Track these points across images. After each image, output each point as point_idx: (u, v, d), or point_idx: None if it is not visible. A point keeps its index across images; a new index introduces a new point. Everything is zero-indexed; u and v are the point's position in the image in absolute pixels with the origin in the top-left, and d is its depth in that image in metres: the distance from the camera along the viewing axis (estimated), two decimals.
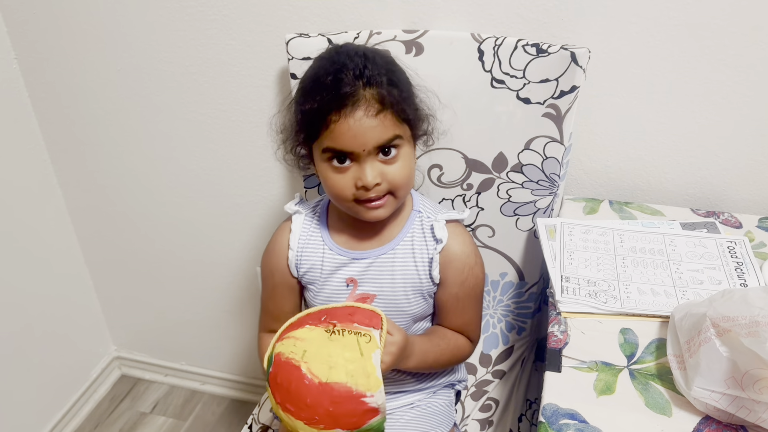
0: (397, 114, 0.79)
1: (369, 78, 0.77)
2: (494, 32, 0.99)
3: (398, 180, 0.81)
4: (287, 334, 0.76)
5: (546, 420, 0.69)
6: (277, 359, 0.75)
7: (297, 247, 0.91)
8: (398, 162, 0.81)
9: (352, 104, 0.76)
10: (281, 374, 0.73)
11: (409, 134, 0.82)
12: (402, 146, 0.81)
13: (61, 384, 1.63)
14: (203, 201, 1.42)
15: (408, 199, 0.91)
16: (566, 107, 0.96)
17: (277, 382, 0.74)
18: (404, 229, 0.89)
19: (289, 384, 0.72)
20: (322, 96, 0.77)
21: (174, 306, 1.64)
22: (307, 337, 0.74)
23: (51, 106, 1.39)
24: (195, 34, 1.19)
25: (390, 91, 0.78)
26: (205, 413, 1.69)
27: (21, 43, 1.32)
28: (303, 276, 0.92)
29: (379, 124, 0.77)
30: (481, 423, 1.04)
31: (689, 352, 0.69)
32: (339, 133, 0.77)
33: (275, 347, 0.76)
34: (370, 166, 0.79)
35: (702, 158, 1.05)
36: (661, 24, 0.96)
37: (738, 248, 0.92)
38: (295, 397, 0.72)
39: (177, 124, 1.32)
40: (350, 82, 0.77)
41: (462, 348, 0.94)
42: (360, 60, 0.79)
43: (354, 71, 0.77)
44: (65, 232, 1.57)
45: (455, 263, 0.88)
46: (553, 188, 1.02)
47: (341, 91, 0.76)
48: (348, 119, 0.76)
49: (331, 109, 0.77)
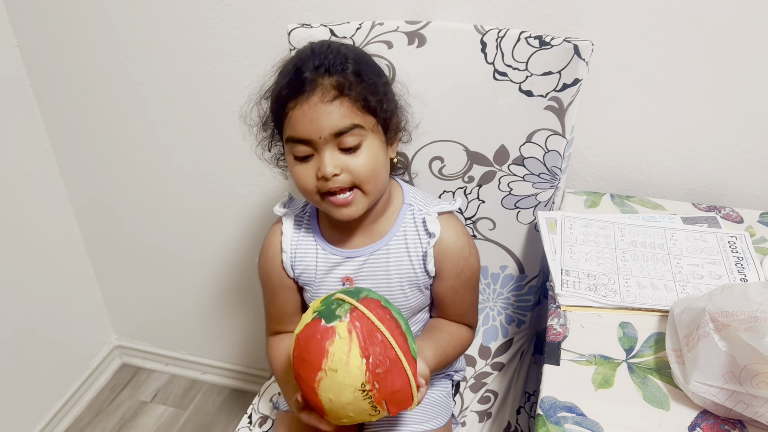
0: (359, 102, 0.77)
1: (329, 66, 0.77)
2: (497, 24, 0.99)
3: (361, 172, 0.79)
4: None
5: (544, 413, 0.69)
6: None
7: (290, 249, 0.91)
8: (362, 154, 0.79)
9: (309, 91, 0.76)
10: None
11: (375, 125, 0.80)
12: (365, 137, 0.79)
13: (62, 372, 1.64)
14: (204, 191, 1.42)
15: (399, 192, 0.91)
16: (568, 100, 0.95)
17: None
18: (396, 224, 0.88)
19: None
20: (283, 85, 0.78)
21: (175, 296, 1.64)
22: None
23: (53, 94, 1.39)
24: (196, 23, 1.18)
25: (351, 80, 0.77)
26: (205, 402, 1.69)
27: (23, 31, 1.32)
28: (299, 277, 0.92)
29: (335, 111, 0.76)
30: (479, 415, 1.04)
31: (688, 347, 0.69)
32: (296, 119, 0.77)
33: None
34: (329, 154, 0.77)
35: (704, 153, 1.04)
36: (664, 17, 0.95)
37: (739, 243, 0.92)
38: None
39: (178, 114, 1.32)
40: (309, 69, 0.77)
41: (465, 339, 0.94)
42: (325, 51, 0.78)
43: (314, 61, 0.77)
44: (67, 221, 1.57)
45: (450, 256, 0.88)
46: (555, 181, 1.02)
47: (299, 77, 0.77)
48: (303, 105, 0.76)
49: (290, 96, 0.77)
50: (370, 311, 0.72)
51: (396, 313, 0.76)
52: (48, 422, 1.59)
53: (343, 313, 0.72)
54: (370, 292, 0.76)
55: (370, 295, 0.75)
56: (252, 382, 1.71)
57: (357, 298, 0.74)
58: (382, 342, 0.71)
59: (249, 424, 1.04)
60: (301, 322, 0.76)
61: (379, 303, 0.75)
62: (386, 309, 0.74)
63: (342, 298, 0.74)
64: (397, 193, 0.91)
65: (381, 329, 0.71)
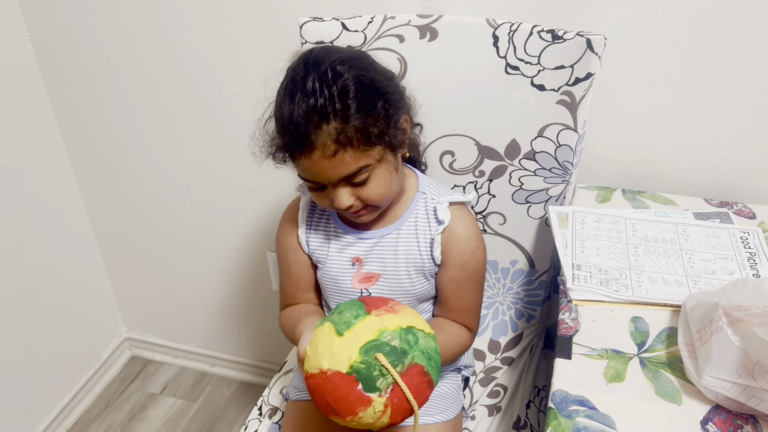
0: (362, 145, 0.76)
1: (325, 113, 0.74)
2: (509, 18, 0.98)
3: (373, 198, 0.81)
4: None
5: (555, 406, 0.69)
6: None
7: (305, 224, 0.93)
8: (372, 183, 0.80)
9: (309, 146, 0.75)
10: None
11: (382, 152, 0.79)
12: (373, 169, 0.79)
13: (73, 364, 1.65)
14: (214, 184, 1.42)
15: (413, 181, 0.92)
16: (581, 94, 0.95)
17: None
18: (408, 210, 0.90)
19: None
20: (285, 136, 0.78)
21: (184, 289, 1.65)
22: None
23: (65, 87, 1.40)
24: (208, 16, 1.19)
25: (351, 125, 0.75)
26: (214, 395, 1.70)
27: (35, 25, 1.32)
28: (313, 253, 0.93)
29: (339, 162, 0.76)
30: (489, 409, 1.04)
31: (700, 341, 0.69)
32: (304, 168, 0.79)
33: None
34: (341, 191, 0.80)
35: (716, 148, 1.04)
36: (678, 11, 0.95)
37: (751, 239, 0.92)
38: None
39: (189, 108, 1.32)
40: (303, 120, 0.75)
41: (464, 341, 0.94)
42: (321, 85, 0.75)
43: (305, 104, 0.75)
44: (78, 214, 1.58)
45: (457, 245, 0.88)
46: (566, 176, 1.01)
47: (299, 133, 0.75)
48: (308, 159, 0.77)
49: (294, 149, 0.77)
50: (410, 388, 0.69)
51: (434, 370, 0.72)
52: (58, 413, 1.60)
53: (384, 387, 0.68)
54: (416, 354, 0.70)
55: (416, 360, 0.70)
56: (261, 375, 1.72)
57: (402, 364, 0.69)
58: (410, 411, 0.71)
59: (259, 416, 1.04)
60: (326, 352, 0.70)
61: (422, 369, 0.70)
62: (426, 375, 0.71)
63: (386, 367, 0.68)
64: (411, 182, 0.92)
65: (414, 409, 0.71)
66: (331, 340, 0.70)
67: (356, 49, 0.95)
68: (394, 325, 0.70)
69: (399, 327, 0.70)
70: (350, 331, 0.70)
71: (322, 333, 0.72)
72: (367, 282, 0.91)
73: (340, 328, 0.70)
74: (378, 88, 0.79)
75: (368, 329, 0.70)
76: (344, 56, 0.79)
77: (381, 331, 0.69)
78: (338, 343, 0.69)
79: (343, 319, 0.71)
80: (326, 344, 0.70)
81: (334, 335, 0.70)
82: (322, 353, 0.70)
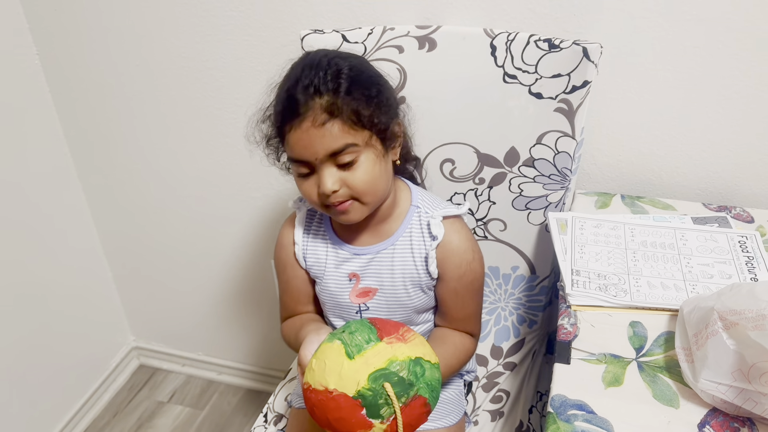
0: (350, 120, 0.78)
1: (318, 86, 0.77)
2: (507, 27, 1.00)
3: (359, 186, 0.81)
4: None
5: (554, 411, 0.70)
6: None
7: (302, 241, 0.94)
8: (359, 169, 0.80)
9: (302, 114, 0.77)
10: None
11: (370, 138, 0.81)
12: (360, 152, 0.80)
13: (81, 373, 1.67)
14: (219, 194, 1.44)
15: (407, 194, 0.92)
16: (578, 102, 0.96)
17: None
18: (403, 225, 0.90)
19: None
20: (279, 108, 0.81)
21: (191, 297, 1.66)
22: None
23: (71, 100, 1.42)
24: (211, 30, 1.21)
25: (342, 98, 0.77)
26: (221, 403, 1.72)
27: (42, 39, 1.35)
28: (310, 268, 0.94)
29: (327, 134, 0.77)
30: (492, 414, 1.05)
31: (697, 345, 0.70)
32: (293, 143, 0.80)
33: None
34: (327, 173, 0.80)
35: (714, 153, 1.05)
36: (673, 18, 0.96)
37: (749, 243, 0.93)
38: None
39: (194, 119, 1.34)
40: (300, 92, 0.78)
41: (468, 349, 0.96)
42: (317, 67, 0.79)
43: (305, 80, 0.78)
44: (85, 225, 1.60)
45: (453, 259, 0.89)
46: (565, 182, 1.03)
47: (291, 102, 0.78)
48: (297, 130, 0.78)
49: (284, 121, 0.79)
50: (411, 418, 0.71)
51: (434, 399, 0.74)
52: (67, 423, 1.62)
53: (387, 416, 0.70)
54: (421, 387, 0.71)
55: (420, 392, 0.71)
56: (267, 383, 1.73)
57: (407, 395, 0.70)
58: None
59: (264, 423, 1.05)
60: (334, 373, 0.70)
61: (425, 401, 0.72)
62: (427, 406, 0.73)
63: (391, 398, 0.69)
64: (404, 195, 0.92)
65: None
66: (340, 361, 0.70)
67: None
68: (404, 356, 0.71)
69: (408, 358, 0.71)
70: (361, 356, 0.70)
71: (331, 351, 0.72)
72: (364, 297, 0.92)
73: (350, 350, 0.71)
74: (372, 78, 0.83)
75: (379, 357, 0.70)
76: (344, 53, 0.84)
77: (391, 361, 0.70)
78: (348, 366, 0.70)
79: (355, 341, 0.71)
80: (335, 364, 0.70)
81: (344, 357, 0.70)
82: (330, 373, 0.70)
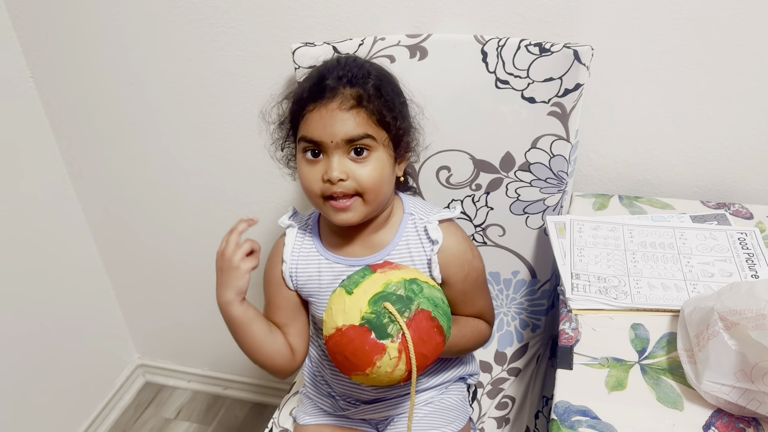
0: (374, 116, 0.81)
1: (351, 78, 0.81)
2: (497, 33, 1.00)
3: (366, 181, 0.81)
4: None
5: (558, 417, 0.69)
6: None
7: (290, 260, 0.93)
8: (369, 164, 0.81)
9: (329, 97, 0.80)
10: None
11: (386, 140, 0.83)
12: (375, 149, 0.81)
13: (87, 393, 1.66)
14: (218, 209, 1.44)
15: (399, 204, 0.92)
16: (571, 105, 0.96)
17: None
18: (398, 233, 0.90)
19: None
20: (305, 88, 0.83)
21: (194, 312, 1.66)
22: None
23: (66, 121, 1.42)
24: (204, 46, 1.21)
25: (371, 94, 0.81)
26: (228, 417, 1.71)
27: (36, 61, 1.35)
28: (301, 289, 0.93)
29: (351, 119, 0.79)
30: (497, 421, 1.04)
31: (699, 346, 0.69)
32: (312, 121, 0.80)
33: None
34: (338, 159, 0.80)
35: (710, 150, 1.04)
36: (662, 18, 0.96)
37: (749, 239, 0.92)
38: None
39: (190, 135, 1.34)
40: (333, 78, 0.81)
41: (483, 330, 0.95)
42: (350, 64, 0.83)
43: (339, 71, 0.81)
44: (85, 244, 1.60)
45: (455, 262, 0.89)
46: (562, 185, 1.02)
47: (321, 84, 0.81)
48: (322, 109, 0.79)
49: (310, 99, 0.81)
50: (420, 332, 0.74)
51: (442, 317, 0.77)
52: None
53: (395, 333, 0.73)
54: (422, 300, 0.75)
55: (422, 306, 0.75)
56: (274, 396, 1.72)
57: (409, 310, 0.74)
58: (425, 356, 0.75)
59: None
60: (340, 311, 0.75)
61: (429, 314, 0.75)
62: (434, 321, 0.75)
63: (393, 314, 0.73)
64: (397, 205, 0.92)
65: (429, 352, 0.75)
66: (342, 299, 0.76)
67: None
68: (398, 278, 0.76)
69: (403, 279, 0.76)
70: (358, 288, 0.76)
71: (334, 297, 0.78)
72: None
73: (349, 288, 0.77)
74: (397, 89, 0.87)
75: (375, 284, 0.75)
76: (377, 63, 0.89)
77: (387, 284, 0.75)
78: (349, 300, 0.75)
79: (352, 280, 0.78)
80: (339, 305, 0.76)
81: (345, 295, 0.76)
82: (336, 314, 0.76)
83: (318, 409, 1.02)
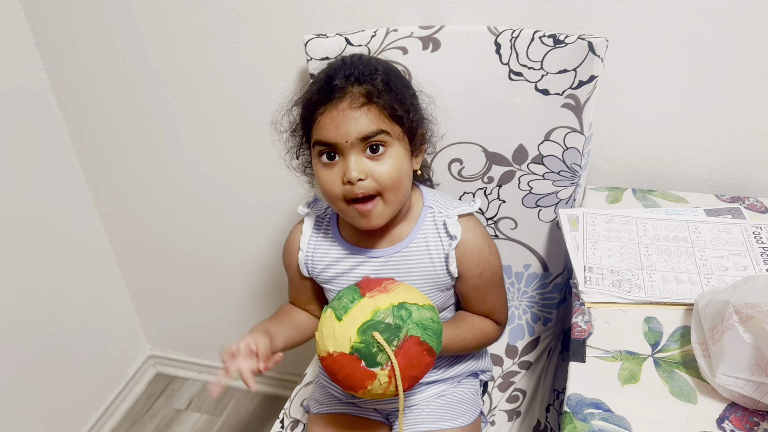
0: (386, 110, 0.80)
1: (359, 76, 0.80)
2: (510, 24, 0.99)
3: (385, 179, 0.80)
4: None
5: (571, 410, 0.69)
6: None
7: (306, 248, 0.94)
8: (387, 161, 0.80)
9: (339, 97, 0.79)
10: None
11: (401, 134, 0.82)
12: (390, 144, 0.81)
13: (99, 384, 1.68)
14: (229, 201, 1.44)
15: (418, 196, 0.92)
16: (585, 97, 0.96)
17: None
18: (417, 226, 0.90)
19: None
20: (313, 91, 0.82)
21: (205, 304, 1.67)
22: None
23: (79, 113, 1.43)
24: (215, 38, 1.21)
25: (380, 89, 0.80)
26: (238, 409, 1.72)
27: (48, 54, 1.36)
28: (318, 276, 0.94)
29: (363, 116, 0.79)
30: (508, 414, 1.04)
31: (713, 340, 0.69)
32: (324, 124, 0.80)
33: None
34: (355, 159, 0.80)
35: (725, 143, 1.04)
36: (678, 10, 0.95)
37: (764, 233, 0.92)
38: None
39: (202, 127, 1.35)
40: (341, 78, 0.80)
41: (489, 331, 0.95)
42: (356, 63, 0.82)
43: (345, 70, 0.81)
44: (97, 236, 1.61)
45: (471, 257, 0.89)
46: (575, 178, 1.02)
47: (329, 85, 0.80)
48: (332, 111, 0.79)
49: (320, 102, 0.80)
50: (410, 358, 0.75)
51: (432, 337, 0.77)
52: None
53: (385, 361, 0.75)
54: (410, 327, 0.76)
55: (411, 332, 0.75)
56: (284, 387, 1.73)
57: (398, 338, 0.75)
58: (415, 377, 0.78)
59: (281, 429, 1.06)
60: (330, 337, 0.77)
61: (418, 340, 0.76)
62: (423, 344, 0.76)
63: (381, 344, 0.74)
64: (417, 197, 0.92)
65: (419, 373, 0.78)
66: (332, 325, 0.77)
67: None
68: (386, 304, 0.76)
69: (391, 305, 0.76)
70: (348, 315, 0.76)
71: (325, 319, 0.79)
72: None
73: (339, 313, 0.77)
74: (406, 83, 0.87)
75: (363, 311, 0.76)
76: (383, 60, 0.88)
77: (375, 311, 0.76)
78: (338, 327, 0.76)
79: (341, 304, 0.78)
80: (329, 329, 0.78)
81: (335, 320, 0.77)
82: (327, 338, 0.78)
83: (331, 397, 1.02)
